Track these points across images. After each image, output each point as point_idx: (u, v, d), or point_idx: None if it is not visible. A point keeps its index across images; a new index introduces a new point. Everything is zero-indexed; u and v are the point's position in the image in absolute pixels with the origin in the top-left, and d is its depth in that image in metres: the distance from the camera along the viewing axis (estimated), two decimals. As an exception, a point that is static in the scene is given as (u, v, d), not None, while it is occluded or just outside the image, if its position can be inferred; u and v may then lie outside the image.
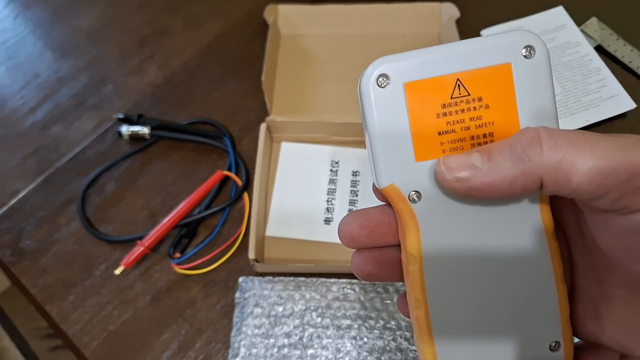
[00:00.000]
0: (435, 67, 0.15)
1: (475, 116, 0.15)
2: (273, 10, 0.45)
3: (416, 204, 0.16)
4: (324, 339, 0.32)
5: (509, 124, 0.15)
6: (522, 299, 0.16)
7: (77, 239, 0.38)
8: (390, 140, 0.15)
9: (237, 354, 0.32)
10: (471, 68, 0.15)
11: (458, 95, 0.15)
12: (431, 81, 0.15)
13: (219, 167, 0.40)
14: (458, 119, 0.15)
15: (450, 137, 0.15)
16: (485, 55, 0.15)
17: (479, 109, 0.15)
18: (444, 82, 0.15)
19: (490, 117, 0.15)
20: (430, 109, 0.15)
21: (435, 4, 0.45)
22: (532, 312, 0.16)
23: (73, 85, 0.46)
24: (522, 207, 0.16)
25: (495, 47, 0.15)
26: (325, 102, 0.41)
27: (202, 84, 0.45)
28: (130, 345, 0.33)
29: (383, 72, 0.15)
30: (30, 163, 0.42)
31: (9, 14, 0.52)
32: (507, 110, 0.15)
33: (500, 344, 0.16)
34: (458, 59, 0.15)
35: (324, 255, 0.35)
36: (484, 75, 0.15)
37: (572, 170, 0.13)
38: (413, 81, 0.15)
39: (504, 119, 0.15)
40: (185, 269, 0.35)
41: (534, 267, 0.16)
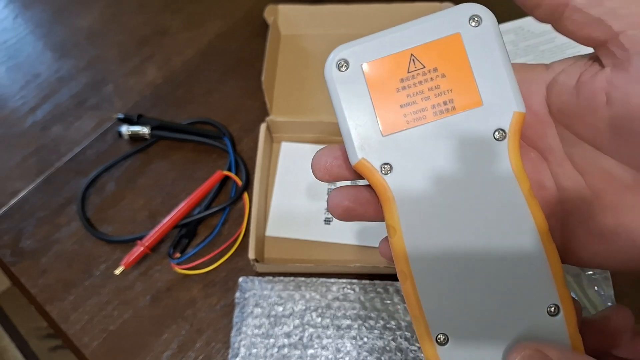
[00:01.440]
0: (390, 46, 0.16)
1: (434, 86, 0.16)
2: (273, 10, 0.45)
3: (388, 176, 0.16)
4: (324, 339, 0.32)
5: (467, 89, 0.16)
6: (509, 264, 0.16)
7: (77, 239, 0.38)
8: (357, 119, 0.16)
9: (237, 354, 0.32)
10: (423, 42, 0.16)
11: (414, 69, 0.16)
12: (387, 59, 0.16)
13: (219, 167, 0.40)
14: (417, 91, 0.16)
15: (412, 109, 0.16)
16: (434, 30, 0.16)
17: (436, 79, 0.16)
18: (399, 59, 0.16)
19: (448, 85, 0.16)
20: (389, 85, 0.16)
21: (435, 3, 0.45)
22: (522, 277, 0.15)
23: (73, 85, 0.46)
24: (493, 170, 0.16)
25: (444, 21, 0.16)
26: (325, 102, 0.41)
27: (202, 83, 0.45)
28: (130, 345, 0.33)
29: (342, 57, 0.17)
30: (30, 163, 0.42)
31: (8, 14, 0.52)
32: (464, 77, 0.16)
33: (493, 314, 0.16)
34: (410, 36, 0.16)
35: (323, 255, 0.35)
36: (436, 47, 0.16)
37: None
38: (370, 61, 0.16)
39: (462, 85, 0.16)
40: (185, 269, 0.35)
41: (516, 230, 0.16)
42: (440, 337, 0.16)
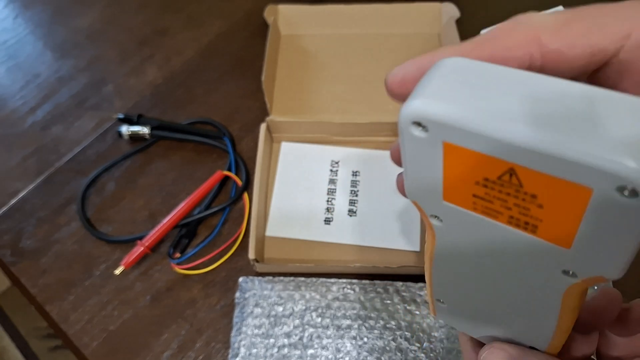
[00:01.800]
0: (491, 139, 0.11)
1: (522, 205, 0.12)
2: (273, 10, 0.45)
3: (435, 222, 0.15)
4: (324, 339, 0.32)
5: (561, 229, 0.12)
6: (523, 305, 0.16)
7: (77, 239, 0.38)
8: (421, 175, 0.14)
9: (237, 354, 0.32)
10: (537, 168, 0.11)
11: (507, 180, 0.12)
12: (477, 154, 0.12)
13: (219, 167, 0.40)
14: (500, 197, 0.13)
15: (485, 204, 0.13)
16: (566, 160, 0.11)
17: (529, 202, 0.12)
18: (492, 162, 0.12)
19: (539, 215, 0.12)
20: (469, 175, 0.13)
21: (436, 4, 0.45)
22: (527, 319, 0.16)
23: (73, 85, 0.46)
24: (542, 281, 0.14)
25: (587, 157, 0.10)
26: (325, 102, 0.41)
27: (202, 84, 0.45)
28: (130, 345, 0.33)
29: (419, 119, 0.12)
30: (30, 163, 0.42)
31: (8, 14, 0.52)
32: (564, 224, 0.12)
33: (489, 315, 0.17)
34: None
35: (323, 256, 0.35)
36: (549, 182, 0.11)
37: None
38: (455, 145, 0.12)
39: (556, 227, 0.12)
40: (185, 269, 0.35)
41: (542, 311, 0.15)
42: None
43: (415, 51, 0.44)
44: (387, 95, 0.16)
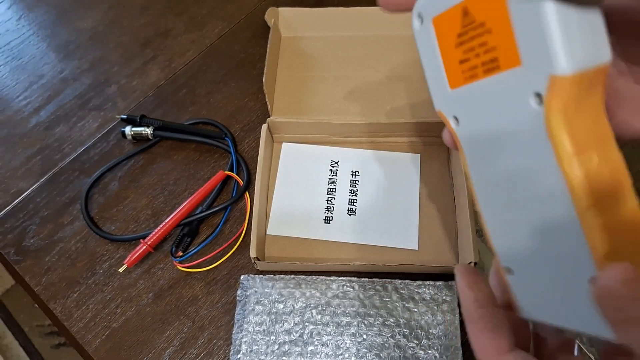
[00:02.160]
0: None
1: (482, 42, 0.16)
2: (274, 13, 0.46)
3: (457, 128, 0.18)
4: (324, 336, 0.32)
5: (508, 46, 0.15)
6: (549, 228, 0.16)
7: (81, 238, 0.38)
8: (433, 72, 0.18)
9: (239, 350, 0.32)
10: None
11: (467, 23, 0.16)
12: (449, 12, 0.16)
13: (220, 167, 0.40)
14: (470, 47, 0.16)
15: (467, 66, 0.17)
16: None
17: (484, 34, 0.16)
18: (457, 11, 0.16)
19: (493, 42, 0.15)
20: (451, 40, 0.17)
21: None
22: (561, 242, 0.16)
23: (76, 86, 0.46)
24: (528, 135, 0.15)
25: None
26: (325, 103, 0.42)
27: (204, 85, 0.45)
28: (133, 343, 0.34)
29: (418, 10, 0.18)
30: (34, 163, 0.42)
31: (12, 15, 0.52)
32: (505, 32, 0.15)
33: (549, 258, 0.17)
34: None
35: (324, 254, 0.36)
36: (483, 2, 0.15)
37: None
38: (437, 15, 0.17)
39: (504, 41, 0.15)
40: (187, 267, 0.35)
41: (550, 196, 0.15)
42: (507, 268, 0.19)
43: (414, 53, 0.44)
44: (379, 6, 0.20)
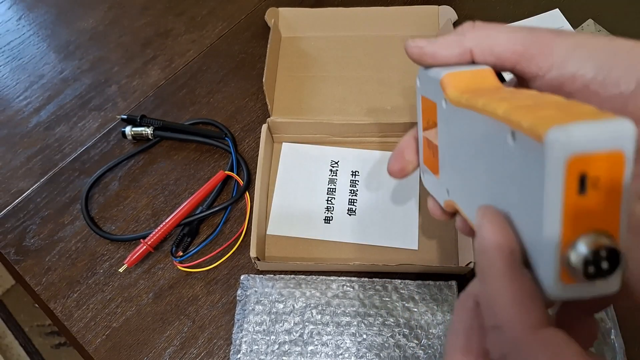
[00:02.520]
0: None
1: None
2: (274, 13, 0.46)
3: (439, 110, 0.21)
4: (324, 336, 0.32)
5: None
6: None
7: (81, 238, 0.38)
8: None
9: (239, 350, 0.32)
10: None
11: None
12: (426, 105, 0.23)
13: (220, 167, 0.41)
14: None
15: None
16: None
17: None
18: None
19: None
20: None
21: (433, 6, 0.46)
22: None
23: (77, 86, 0.46)
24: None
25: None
26: (325, 103, 0.42)
27: (204, 85, 0.45)
28: (133, 342, 0.34)
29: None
30: (34, 163, 0.42)
31: (12, 15, 0.52)
32: None
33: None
34: None
35: (323, 254, 0.36)
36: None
37: (494, 41, 0.19)
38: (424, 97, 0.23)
39: None
40: (187, 267, 0.35)
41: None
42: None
43: (414, 53, 0.44)
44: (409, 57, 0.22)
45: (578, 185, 0.13)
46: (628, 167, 0.13)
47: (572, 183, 0.13)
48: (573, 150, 0.13)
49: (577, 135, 0.13)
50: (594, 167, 0.13)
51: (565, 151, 0.13)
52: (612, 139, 0.13)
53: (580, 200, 0.13)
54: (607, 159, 0.13)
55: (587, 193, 0.13)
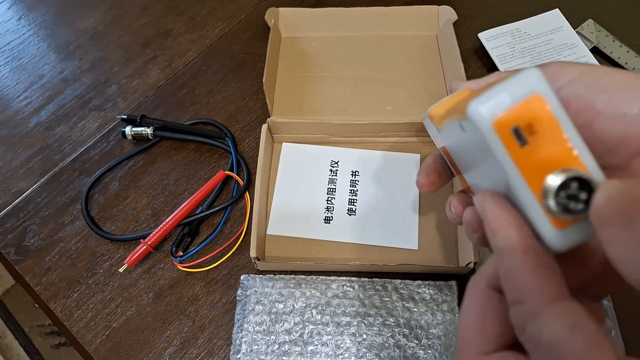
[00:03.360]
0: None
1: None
2: (274, 13, 0.46)
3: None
4: (324, 336, 0.32)
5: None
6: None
7: (81, 238, 0.38)
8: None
9: (239, 350, 0.32)
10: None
11: None
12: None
13: (220, 167, 0.41)
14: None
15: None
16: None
17: None
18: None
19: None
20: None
21: (433, 6, 0.46)
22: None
23: (77, 86, 0.46)
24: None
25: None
26: (325, 103, 0.42)
27: (204, 85, 0.45)
28: (133, 342, 0.34)
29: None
30: (34, 163, 0.42)
31: (12, 15, 0.52)
32: None
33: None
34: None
35: (323, 254, 0.36)
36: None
37: None
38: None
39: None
40: (187, 267, 0.35)
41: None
42: None
43: (413, 53, 0.44)
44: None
45: (516, 139, 0.14)
46: (551, 102, 0.14)
47: (509, 140, 0.14)
48: (493, 112, 0.14)
49: (489, 98, 0.14)
50: (520, 118, 0.14)
51: (488, 115, 0.14)
52: (522, 87, 0.14)
53: (528, 150, 0.14)
54: (527, 106, 0.14)
55: (529, 141, 0.14)
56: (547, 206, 0.14)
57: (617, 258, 0.13)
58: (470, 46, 0.46)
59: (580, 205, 0.14)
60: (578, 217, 0.14)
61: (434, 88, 0.42)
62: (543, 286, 0.14)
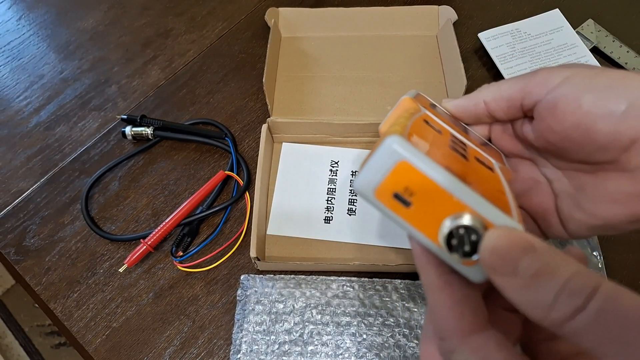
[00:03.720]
0: None
1: None
2: (274, 13, 0.46)
3: None
4: (324, 336, 0.32)
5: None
6: None
7: (81, 238, 0.38)
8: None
9: (239, 350, 0.32)
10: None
11: None
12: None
13: (220, 167, 0.41)
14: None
15: None
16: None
17: None
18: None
19: None
20: None
21: (433, 6, 0.46)
22: None
23: (77, 86, 0.46)
24: None
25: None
26: (325, 103, 0.42)
27: (204, 85, 0.45)
28: (133, 342, 0.34)
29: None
30: (34, 163, 0.42)
31: (12, 15, 0.52)
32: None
33: None
34: None
35: (323, 254, 0.36)
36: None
37: (502, 88, 0.21)
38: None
39: None
40: (187, 267, 0.35)
41: None
42: None
43: (413, 53, 0.44)
44: None
45: (400, 204, 0.15)
46: (417, 163, 0.15)
47: (394, 204, 0.15)
48: (373, 186, 0.15)
49: (367, 173, 0.15)
50: (396, 184, 0.15)
51: (369, 189, 0.15)
52: (388, 158, 0.15)
53: (414, 209, 0.15)
54: (398, 173, 0.15)
55: (412, 201, 0.15)
56: (448, 251, 0.15)
57: (512, 300, 0.13)
58: (470, 46, 0.46)
59: (460, 243, 0.15)
60: (468, 257, 0.15)
61: (434, 88, 0.42)
62: (457, 322, 0.15)
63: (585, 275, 0.12)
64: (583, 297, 0.12)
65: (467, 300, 0.15)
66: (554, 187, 0.21)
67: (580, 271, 0.12)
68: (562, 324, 0.12)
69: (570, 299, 0.12)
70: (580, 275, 0.12)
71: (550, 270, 0.12)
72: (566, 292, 0.12)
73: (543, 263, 0.13)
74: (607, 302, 0.12)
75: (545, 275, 0.12)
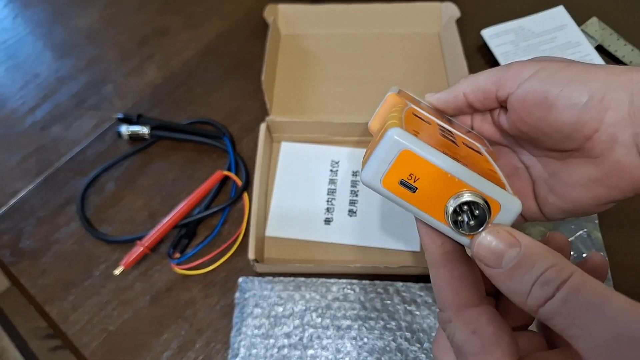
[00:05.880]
0: None
1: None
2: (273, 10, 0.45)
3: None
4: (324, 340, 0.32)
5: None
6: None
7: (77, 239, 0.37)
8: None
9: (237, 354, 0.32)
10: None
11: None
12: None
13: (218, 167, 0.40)
14: None
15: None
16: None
17: None
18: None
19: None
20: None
21: (436, 3, 0.45)
22: None
23: (73, 85, 0.46)
24: None
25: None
26: (325, 102, 0.41)
27: (202, 84, 0.45)
28: (130, 346, 0.33)
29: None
30: (29, 163, 0.42)
31: (8, 13, 0.52)
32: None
33: None
34: None
35: (323, 256, 0.35)
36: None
37: (479, 80, 0.22)
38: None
39: None
40: (185, 269, 0.35)
41: None
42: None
43: (415, 51, 0.44)
44: None
45: (406, 190, 0.17)
46: (418, 150, 0.16)
47: (402, 191, 0.17)
48: (379, 177, 0.16)
49: (372, 166, 0.16)
50: (401, 172, 0.16)
51: (376, 180, 0.17)
52: (391, 148, 0.16)
53: (420, 193, 0.17)
54: (402, 161, 0.16)
55: (418, 186, 0.16)
56: (455, 229, 0.17)
57: (498, 287, 0.15)
58: (473, 44, 0.45)
59: (466, 219, 0.16)
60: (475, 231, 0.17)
61: (436, 87, 0.41)
62: (454, 297, 0.17)
63: (558, 268, 0.14)
64: (553, 287, 0.14)
65: (464, 277, 0.17)
66: (531, 172, 0.23)
67: (555, 264, 0.14)
68: (536, 309, 0.14)
69: (542, 289, 0.14)
70: (554, 268, 0.14)
71: (529, 263, 0.15)
72: (539, 283, 0.14)
73: (524, 257, 0.15)
74: (572, 292, 0.14)
75: (523, 268, 0.15)
